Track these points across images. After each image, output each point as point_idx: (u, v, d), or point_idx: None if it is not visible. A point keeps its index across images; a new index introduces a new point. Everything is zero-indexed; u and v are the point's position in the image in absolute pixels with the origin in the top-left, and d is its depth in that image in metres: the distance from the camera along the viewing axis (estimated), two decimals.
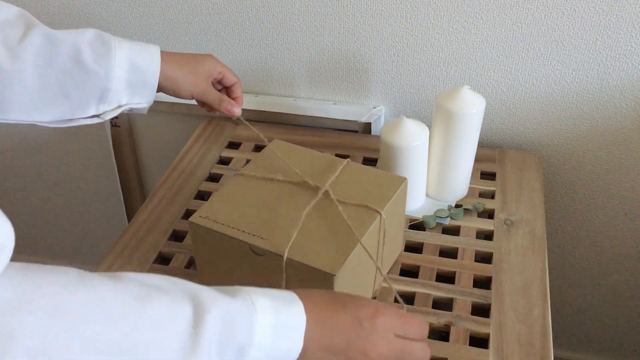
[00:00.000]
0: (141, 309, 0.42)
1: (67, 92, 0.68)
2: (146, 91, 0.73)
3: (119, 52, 0.70)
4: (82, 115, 0.71)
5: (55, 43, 0.66)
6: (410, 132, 0.85)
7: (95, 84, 0.69)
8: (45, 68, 0.66)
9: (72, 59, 0.67)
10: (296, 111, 1.13)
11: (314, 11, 1.04)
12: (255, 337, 0.45)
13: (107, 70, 0.69)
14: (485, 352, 0.73)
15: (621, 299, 1.26)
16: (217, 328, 0.44)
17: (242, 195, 0.76)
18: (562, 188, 1.14)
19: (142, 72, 0.72)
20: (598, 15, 0.93)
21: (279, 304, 0.48)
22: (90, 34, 0.69)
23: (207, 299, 0.45)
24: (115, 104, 0.72)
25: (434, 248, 0.87)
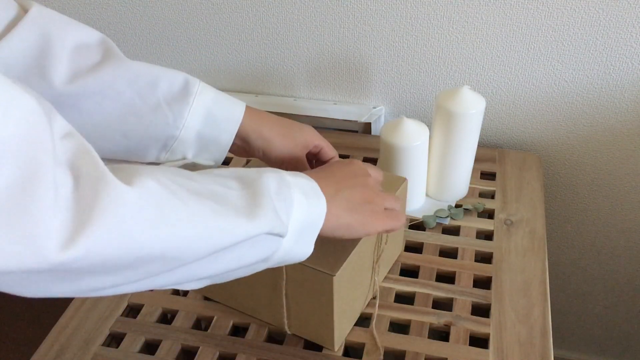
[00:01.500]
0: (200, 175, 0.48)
1: (126, 132, 0.61)
2: (217, 149, 0.65)
3: (198, 99, 0.62)
4: (140, 160, 0.64)
5: (129, 75, 0.60)
6: (410, 132, 0.85)
7: (161, 128, 0.61)
8: (108, 100, 0.60)
9: (142, 95, 0.61)
10: (296, 111, 1.13)
11: (314, 11, 1.04)
12: (294, 195, 0.51)
13: (178, 115, 0.61)
14: (485, 352, 0.73)
15: (621, 299, 1.26)
16: (271, 186, 0.50)
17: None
18: (562, 188, 1.14)
19: (218, 127, 0.64)
20: (598, 15, 0.93)
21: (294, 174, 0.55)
22: (176, 72, 0.63)
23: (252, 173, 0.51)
24: (179, 155, 0.64)
25: (434, 248, 0.87)
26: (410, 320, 0.77)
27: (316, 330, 0.72)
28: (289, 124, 0.69)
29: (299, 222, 0.51)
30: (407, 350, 0.73)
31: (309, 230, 0.53)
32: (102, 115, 0.60)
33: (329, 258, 0.66)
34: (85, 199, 0.37)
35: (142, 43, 1.16)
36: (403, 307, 0.79)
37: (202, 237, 0.44)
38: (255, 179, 0.50)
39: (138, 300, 0.81)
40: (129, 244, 0.39)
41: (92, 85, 0.59)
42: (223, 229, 0.45)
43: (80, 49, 0.59)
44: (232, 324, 0.77)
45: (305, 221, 0.52)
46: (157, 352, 0.75)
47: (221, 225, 0.45)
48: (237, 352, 0.74)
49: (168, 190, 0.42)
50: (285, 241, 0.51)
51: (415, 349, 0.73)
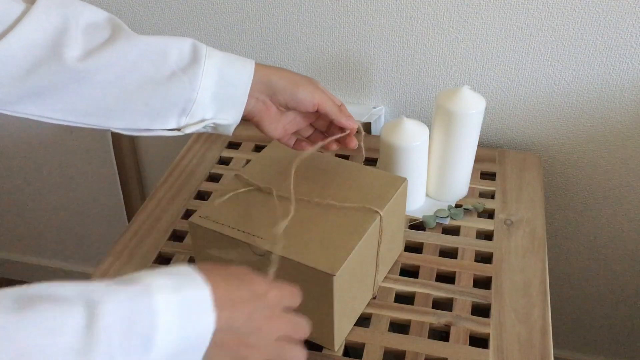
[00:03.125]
0: (19, 320, 0.38)
1: (147, 100, 0.64)
2: (234, 107, 0.67)
3: (208, 61, 0.65)
4: (161, 127, 0.66)
5: (140, 47, 0.63)
6: (410, 132, 0.85)
7: (179, 93, 0.64)
8: (125, 72, 0.62)
9: (155, 64, 0.63)
10: None
11: (314, 11, 1.04)
12: (159, 320, 0.42)
13: (193, 79, 0.64)
14: (485, 352, 0.73)
15: (621, 299, 1.26)
16: (114, 321, 0.40)
17: (243, 195, 0.76)
18: (562, 188, 1.14)
19: (232, 86, 0.66)
20: (598, 15, 0.93)
21: (179, 280, 0.44)
22: (182, 40, 0.65)
23: (97, 294, 0.41)
24: (199, 117, 0.66)
25: (434, 248, 0.87)
26: (410, 320, 0.77)
27: (316, 330, 0.72)
28: (297, 76, 0.70)
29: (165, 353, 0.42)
30: (407, 350, 0.73)
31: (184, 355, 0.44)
32: (121, 88, 0.62)
33: (329, 257, 0.66)
34: None
35: None
36: (403, 307, 0.79)
37: None
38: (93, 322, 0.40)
39: None
40: None
41: (107, 59, 0.61)
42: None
43: (91, 28, 0.62)
44: None
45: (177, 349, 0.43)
46: None
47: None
48: None
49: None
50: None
51: (415, 349, 0.73)
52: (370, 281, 0.77)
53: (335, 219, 0.71)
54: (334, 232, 0.70)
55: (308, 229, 0.70)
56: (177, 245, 0.89)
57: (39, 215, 1.54)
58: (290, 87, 0.68)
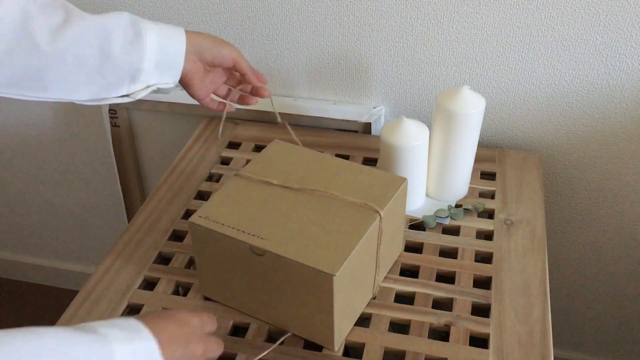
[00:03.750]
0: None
1: (103, 73, 0.71)
2: (173, 71, 0.77)
3: (149, 35, 0.73)
4: (115, 95, 0.74)
5: (93, 27, 0.69)
6: (410, 132, 0.85)
7: (129, 64, 0.72)
8: (84, 50, 0.69)
9: (108, 40, 0.70)
10: (296, 111, 1.13)
11: (314, 11, 1.04)
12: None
13: (141, 51, 0.72)
14: (485, 352, 0.73)
15: (621, 299, 1.26)
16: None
17: (242, 195, 0.76)
18: (562, 188, 1.14)
19: (170, 53, 0.75)
20: (598, 15, 0.93)
21: (130, 333, 0.52)
22: (124, 18, 0.72)
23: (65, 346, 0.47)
24: (144, 84, 0.75)
25: (434, 248, 0.87)
26: (410, 320, 0.77)
27: (316, 330, 0.72)
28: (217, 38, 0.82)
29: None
30: (407, 350, 0.73)
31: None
32: (84, 64, 0.70)
33: (329, 257, 0.66)
34: None
35: None
36: (403, 307, 0.79)
37: None
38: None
39: (138, 300, 0.81)
40: None
41: (69, 40, 0.68)
42: None
43: (47, 8, 0.68)
44: (232, 324, 0.77)
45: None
46: None
47: None
48: (237, 352, 0.74)
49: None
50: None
51: (415, 349, 0.73)
52: (370, 281, 0.77)
53: (334, 219, 0.71)
54: (333, 232, 0.70)
55: (307, 228, 0.70)
56: (177, 245, 0.89)
57: (38, 215, 1.54)
58: (215, 46, 0.80)
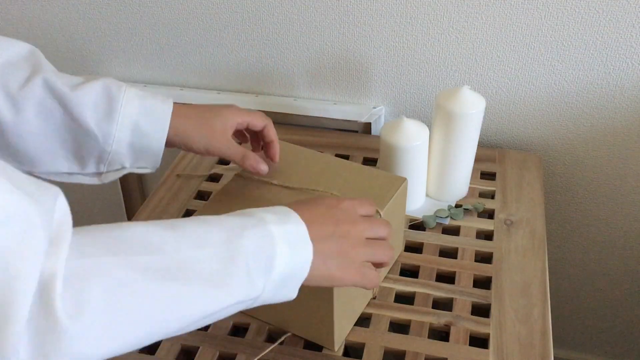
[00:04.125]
0: (176, 234, 0.47)
1: (66, 146, 0.65)
2: (150, 156, 0.68)
3: (123, 113, 0.65)
4: (81, 171, 0.67)
5: (56, 96, 0.63)
6: (410, 132, 0.85)
7: (93, 144, 0.65)
8: (43, 120, 0.63)
9: (71, 117, 0.63)
10: (296, 111, 1.13)
11: (314, 11, 1.04)
12: (277, 248, 0.50)
13: (106, 134, 0.64)
14: (485, 352, 0.73)
15: (621, 299, 1.26)
16: (249, 246, 0.49)
17: (242, 195, 0.76)
18: (562, 188, 1.14)
19: (147, 137, 0.66)
20: (598, 15, 0.93)
21: (282, 217, 0.53)
22: (97, 89, 0.64)
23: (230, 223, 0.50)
24: (117, 165, 0.68)
25: (434, 248, 0.87)
26: (410, 320, 0.77)
27: (316, 330, 0.72)
28: (203, 112, 0.71)
29: (280, 275, 0.51)
30: (407, 350, 0.73)
31: (291, 280, 0.53)
32: (43, 136, 0.63)
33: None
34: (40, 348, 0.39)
35: (142, 43, 1.16)
36: (403, 307, 0.79)
37: (169, 321, 0.46)
38: (232, 239, 0.49)
39: None
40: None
41: (27, 108, 0.62)
42: (190, 307, 0.46)
43: (8, 66, 0.62)
44: (232, 324, 0.77)
45: (288, 273, 0.52)
46: (157, 352, 0.75)
47: (187, 306, 0.46)
48: (237, 352, 0.74)
49: (119, 296, 0.42)
50: (262, 295, 0.51)
51: (415, 349, 0.73)
52: None
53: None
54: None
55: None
56: None
57: None
58: (204, 140, 0.70)
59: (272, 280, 0.50)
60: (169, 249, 0.46)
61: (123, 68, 1.21)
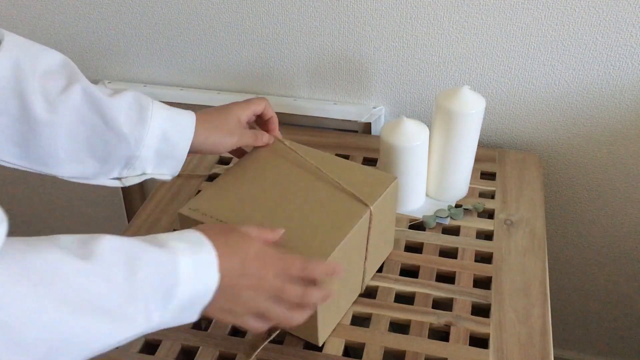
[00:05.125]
0: (87, 266, 0.48)
1: (94, 153, 0.67)
2: (173, 163, 0.72)
3: (154, 122, 0.68)
4: (105, 177, 0.70)
5: (93, 101, 0.66)
6: (410, 132, 0.85)
7: (124, 150, 0.68)
8: (78, 125, 0.65)
9: (106, 122, 0.66)
10: (296, 111, 1.13)
11: (314, 11, 1.04)
12: (181, 277, 0.53)
13: (139, 138, 0.68)
14: (485, 352, 0.73)
15: (621, 299, 1.26)
16: (149, 275, 0.51)
17: (233, 189, 0.76)
18: (562, 188, 1.14)
19: (173, 145, 0.70)
20: (598, 15, 0.93)
21: (193, 246, 0.55)
22: (129, 98, 0.68)
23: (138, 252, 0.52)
24: (140, 171, 0.71)
25: (434, 248, 0.87)
26: (410, 320, 0.77)
27: (302, 326, 0.71)
28: (220, 116, 0.76)
29: (180, 303, 0.53)
30: (407, 350, 0.73)
31: (192, 306, 0.55)
32: (75, 140, 0.66)
33: (319, 247, 0.66)
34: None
35: (142, 43, 1.16)
36: (403, 307, 0.79)
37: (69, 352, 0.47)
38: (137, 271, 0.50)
39: None
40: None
41: (64, 112, 0.64)
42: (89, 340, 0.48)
43: (47, 74, 0.64)
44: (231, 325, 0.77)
45: (188, 300, 0.54)
46: (157, 352, 0.75)
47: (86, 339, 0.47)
48: (237, 352, 0.74)
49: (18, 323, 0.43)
50: (162, 323, 0.54)
51: (415, 349, 0.73)
52: (358, 278, 0.77)
53: (324, 213, 0.71)
54: (323, 224, 0.70)
55: (297, 221, 0.70)
56: None
57: (39, 216, 1.54)
58: (225, 140, 0.75)
59: (170, 310, 0.53)
60: (77, 282, 0.47)
61: (123, 68, 1.21)
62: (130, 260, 0.51)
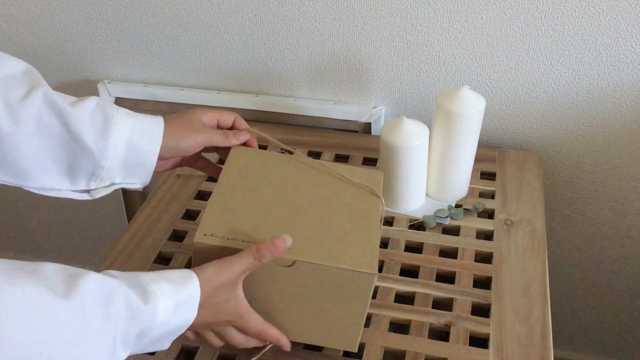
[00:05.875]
0: (66, 303, 0.48)
1: (59, 162, 0.65)
2: (142, 171, 0.70)
3: (118, 130, 0.66)
4: (71, 188, 0.68)
5: (55, 108, 0.63)
6: (410, 132, 0.85)
7: (88, 160, 0.65)
8: (40, 133, 0.63)
9: (69, 130, 0.64)
10: (296, 111, 1.13)
11: (314, 11, 1.04)
12: (157, 320, 0.54)
13: (102, 149, 0.65)
14: (485, 352, 0.73)
15: (621, 299, 1.26)
16: (122, 317, 0.52)
17: (237, 201, 0.68)
18: (562, 188, 1.14)
19: (140, 153, 0.68)
20: (598, 15, 0.93)
21: (177, 286, 0.56)
22: (92, 105, 0.65)
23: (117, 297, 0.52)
24: (108, 182, 0.69)
25: (434, 248, 0.87)
26: (410, 320, 0.77)
27: (339, 334, 0.69)
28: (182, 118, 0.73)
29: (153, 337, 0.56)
30: (407, 350, 0.73)
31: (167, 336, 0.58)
32: (38, 149, 0.64)
33: (360, 256, 0.63)
34: None
35: (142, 43, 1.16)
36: (403, 307, 0.79)
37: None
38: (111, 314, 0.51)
39: None
40: None
41: (25, 119, 0.62)
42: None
43: (6, 82, 0.62)
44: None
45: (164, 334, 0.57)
46: (157, 352, 0.75)
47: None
48: (237, 353, 0.74)
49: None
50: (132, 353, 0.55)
51: (415, 349, 0.73)
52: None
53: (341, 216, 0.68)
54: (347, 227, 0.66)
55: (322, 228, 0.66)
56: (177, 245, 0.89)
57: (39, 216, 1.54)
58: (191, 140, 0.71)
59: (141, 345, 0.55)
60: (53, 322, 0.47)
61: (123, 68, 1.21)
62: (109, 304, 0.51)
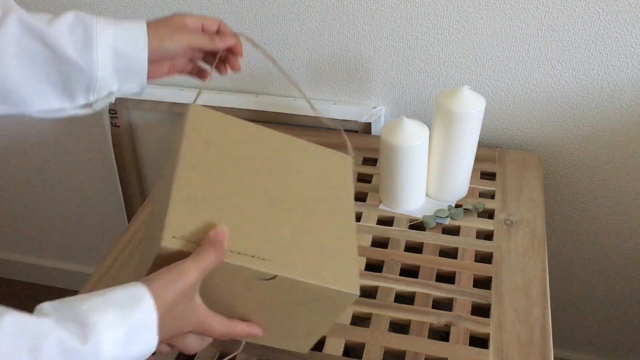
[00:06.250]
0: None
1: (51, 81, 0.65)
2: (137, 75, 0.69)
3: (101, 40, 0.65)
4: (71, 105, 0.67)
5: (32, 32, 0.63)
6: (410, 132, 0.85)
7: (79, 74, 0.65)
8: (25, 58, 0.63)
9: (51, 49, 0.63)
10: (296, 111, 1.13)
11: (314, 11, 1.04)
12: (103, 356, 0.46)
13: (90, 61, 0.65)
14: (485, 352, 0.73)
15: (621, 299, 1.26)
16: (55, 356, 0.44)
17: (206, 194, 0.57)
18: (562, 188, 1.14)
19: (129, 58, 0.67)
20: (598, 15, 0.93)
21: (126, 311, 0.48)
22: (69, 19, 0.65)
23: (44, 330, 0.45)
24: (105, 91, 0.68)
25: (434, 248, 0.87)
26: (410, 320, 0.77)
27: (295, 339, 0.65)
28: (167, 21, 0.74)
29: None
30: (407, 350, 0.73)
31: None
32: (26, 71, 0.63)
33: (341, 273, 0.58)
34: None
35: None
36: (403, 307, 0.79)
37: None
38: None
39: None
40: None
41: (4, 45, 0.62)
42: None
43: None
44: None
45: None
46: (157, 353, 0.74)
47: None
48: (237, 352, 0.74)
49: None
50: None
51: (415, 349, 0.73)
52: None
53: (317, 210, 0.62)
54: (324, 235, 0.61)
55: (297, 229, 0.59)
56: None
57: (39, 216, 1.54)
58: (176, 40, 0.71)
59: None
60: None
61: None
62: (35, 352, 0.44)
